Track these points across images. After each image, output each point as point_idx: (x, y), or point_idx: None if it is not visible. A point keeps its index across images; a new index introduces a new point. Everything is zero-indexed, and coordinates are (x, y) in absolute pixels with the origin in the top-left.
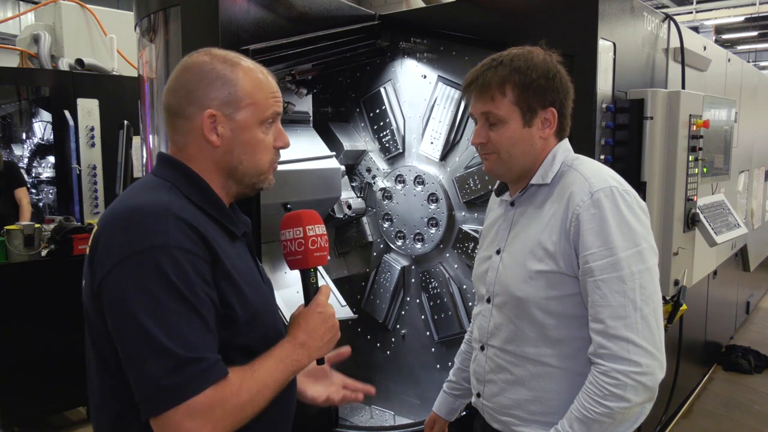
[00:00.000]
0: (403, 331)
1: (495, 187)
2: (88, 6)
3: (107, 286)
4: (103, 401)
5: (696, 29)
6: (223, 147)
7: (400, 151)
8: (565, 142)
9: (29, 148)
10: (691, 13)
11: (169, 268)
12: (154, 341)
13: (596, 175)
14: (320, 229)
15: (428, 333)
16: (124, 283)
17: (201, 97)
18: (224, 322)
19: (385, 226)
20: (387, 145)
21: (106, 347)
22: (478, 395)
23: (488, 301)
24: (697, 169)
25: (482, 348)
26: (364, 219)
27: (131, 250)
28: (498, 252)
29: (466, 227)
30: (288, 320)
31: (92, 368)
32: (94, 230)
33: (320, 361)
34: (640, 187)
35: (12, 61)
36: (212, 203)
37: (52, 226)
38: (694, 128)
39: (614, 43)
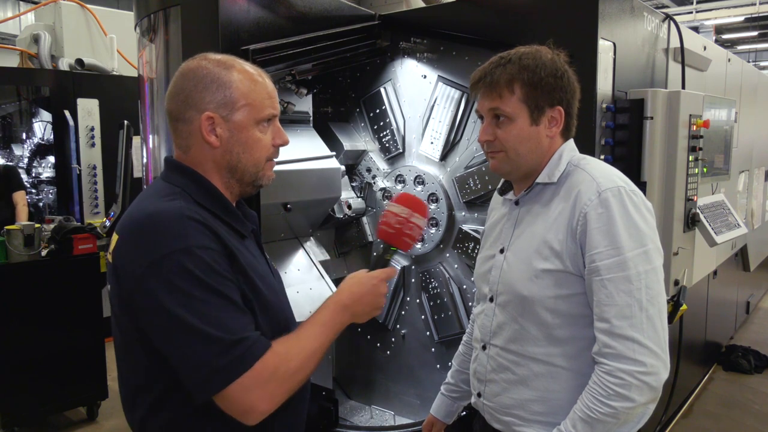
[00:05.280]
0: (403, 331)
1: (498, 186)
2: (88, 6)
3: (139, 294)
4: (138, 389)
5: (696, 29)
6: (222, 147)
7: (400, 151)
8: (571, 142)
9: (29, 148)
10: (691, 13)
11: (194, 266)
12: (196, 331)
13: (604, 174)
14: (422, 222)
15: (428, 333)
16: (154, 287)
17: (198, 100)
18: None
19: None
20: (387, 145)
21: (138, 346)
22: (479, 395)
23: (491, 300)
24: (697, 169)
25: (484, 347)
26: (364, 219)
27: (155, 256)
28: (501, 251)
29: (466, 227)
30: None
31: (125, 363)
32: (115, 238)
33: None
34: (640, 187)
35: (12, 61)
36: (221, 206)
37: (52, 226)
38: (694, 128)
39: (614, 43)
